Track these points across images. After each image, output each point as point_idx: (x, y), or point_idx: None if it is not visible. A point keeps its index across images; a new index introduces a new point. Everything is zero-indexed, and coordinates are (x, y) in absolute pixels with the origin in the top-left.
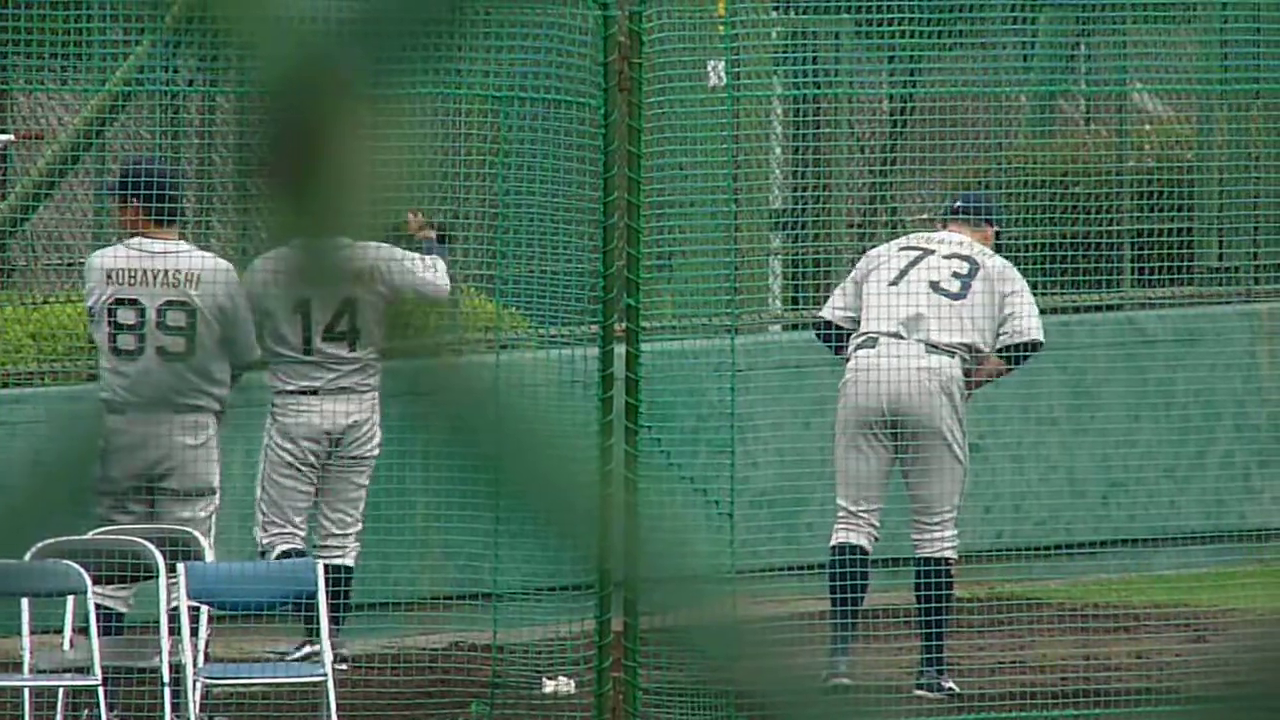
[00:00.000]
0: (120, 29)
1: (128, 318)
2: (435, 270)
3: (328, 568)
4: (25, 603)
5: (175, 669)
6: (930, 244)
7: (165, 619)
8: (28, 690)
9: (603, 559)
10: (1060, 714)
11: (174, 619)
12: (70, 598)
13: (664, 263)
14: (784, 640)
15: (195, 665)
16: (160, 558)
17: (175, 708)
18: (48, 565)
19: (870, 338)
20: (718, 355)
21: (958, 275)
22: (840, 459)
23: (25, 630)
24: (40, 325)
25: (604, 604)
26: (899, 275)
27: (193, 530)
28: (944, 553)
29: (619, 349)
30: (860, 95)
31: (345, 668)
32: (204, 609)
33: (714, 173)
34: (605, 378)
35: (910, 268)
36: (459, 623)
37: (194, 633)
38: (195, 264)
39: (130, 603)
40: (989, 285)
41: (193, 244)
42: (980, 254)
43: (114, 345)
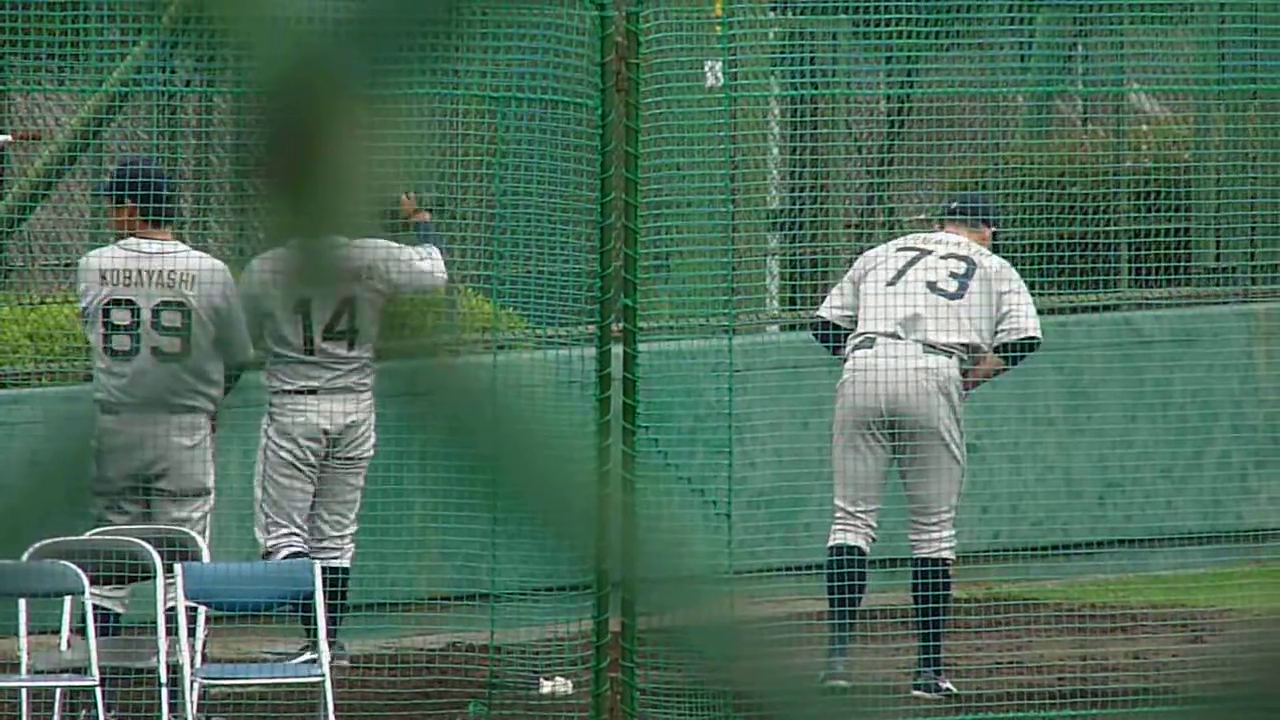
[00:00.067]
0: (117, 30)
1: (122, 318)
2: (430, 260)
3: (324, 569)
4: (23, 603)
5: (173, 669)
6: (928, 244)
7: (163, 619)
8: (25, 691)
9: (600, 559)
10: (1057, 714)
11: (171, 619)
12: (68, 598)
13: (661, 263)
14: (781, 641)
15: (193, 666)
16: (158, 558)
17: (173, 708)
18: (45, 566)
19: (868, 338)
20: (715, 355)
21: (955, 275)
22: (838, 459)
23: (23, 631)
24: (37, 326)
25: (601, 604)
26: (896, 275)
27: (190, 531)
28: (941, 553)
29: (616, 349)
30: (857, 96)
31: (346, 664)
32: (201, 609)
33: (711, 173)
34: (603, 378)
35: (907, 268)
36: (456, 623)
37: (191, 633)
38: (190, 264)
39: (126, 603)
40: (986, 285)
41: (187, 244)
42: (977, 254)
43: (108, 346)
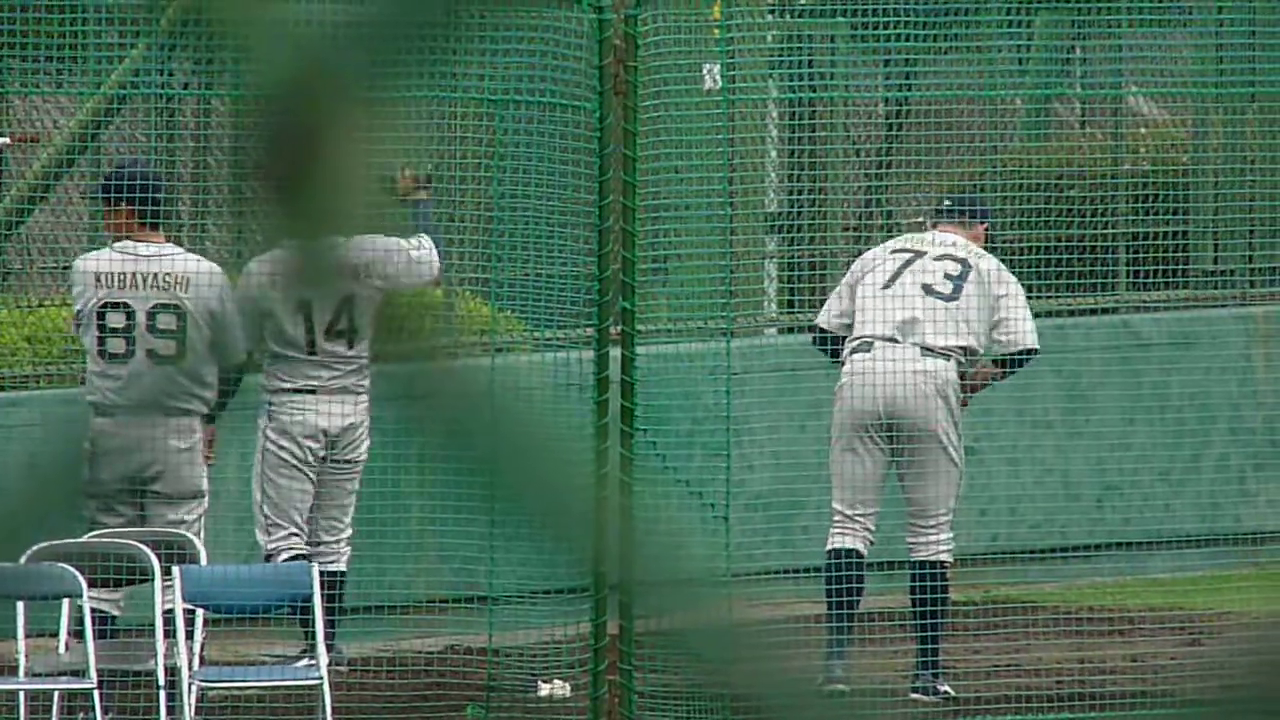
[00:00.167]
0: (115, 32)
1: (117, 321)
2: (423, 249)
3: (321, 572)
4: (21, 606)
5: (171, 672)
6: (922, 245)
7: (160, 622)
8: (23, 693)
9: (598, 562)
10: (1055, 717)
11: (169, 622)
12: (65, 601)
13: (659, 266)
14: (779, 643)
15: (190, 668)
16: (156, 561)
17: (170, 711)
18: (43, 568)
19: (865, 342)
20: (713, 358)
21: (950, 277)
22: (836, 463)
23: (21, 633)
24: (35, 328)
25: (599, 607)
26: (891, 278)
27: (188, 533)
28: (939, 556)
29: (614, 352)
30: (855, 98)
31: (344, 669)
32: (199, 612)
33: (709, 176)
34: (600, 381)
35: (902, 270)
36: (454, 626)
37: (189, 636)
38: (185, 267)
39: (121, 605)
40: (982, 288)
41: (180, 246)
42: (972, 254)
43: (103, 349)
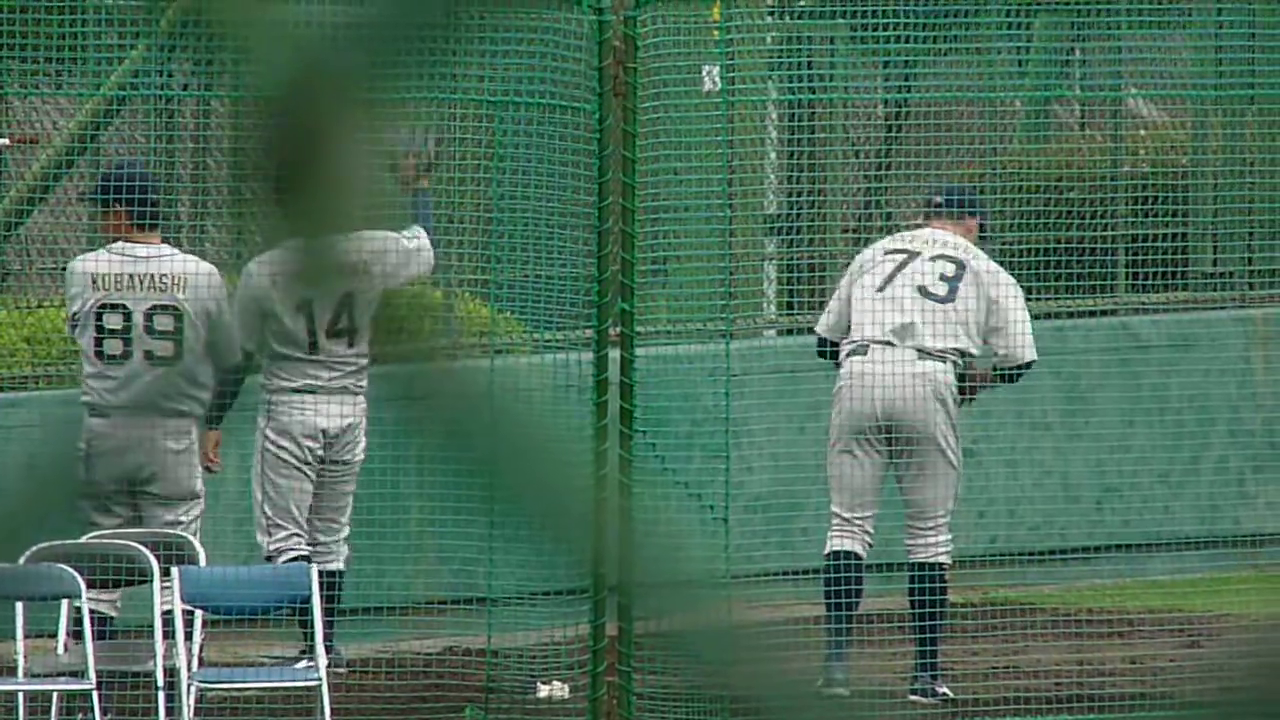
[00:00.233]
0: (115, 33)
1: (114, 323)
2: (418, 240)
3: (319, 572)
4: (20, 606)
5: (169, 673)
6: (915, 245)
7: (159, 623)
8: (22, 694)
9: (597, 563)
10: (1054, 719)
11: (168, 623)
12: (64, 602)
13: (659, 267)
14: (778, 645)
15: (189, 670)
16: (155, 562)
17: (169, 712)
18: (42, 569)
19: (861, 345)
20: (712, 360)
21: (945, 278)
22: (834, 466)
23: (19, 634)
24: (34, 329)
25: (598, 608)
26: (886, 280)
27: (187, 535)
28: (938, 558)
29: (614, 354)
30: (855, 100)
31: (343, 670)
32: (198, 613)
33: (709, 177)
34: (600, 382)
35: (897, 272)
36: (453, 627)
37: (188, 637)
38: (181, 268)
39: (118, 606)
40: (977, 290)
41: (175, 248)
42: (967, 254)
43: (100, 350)
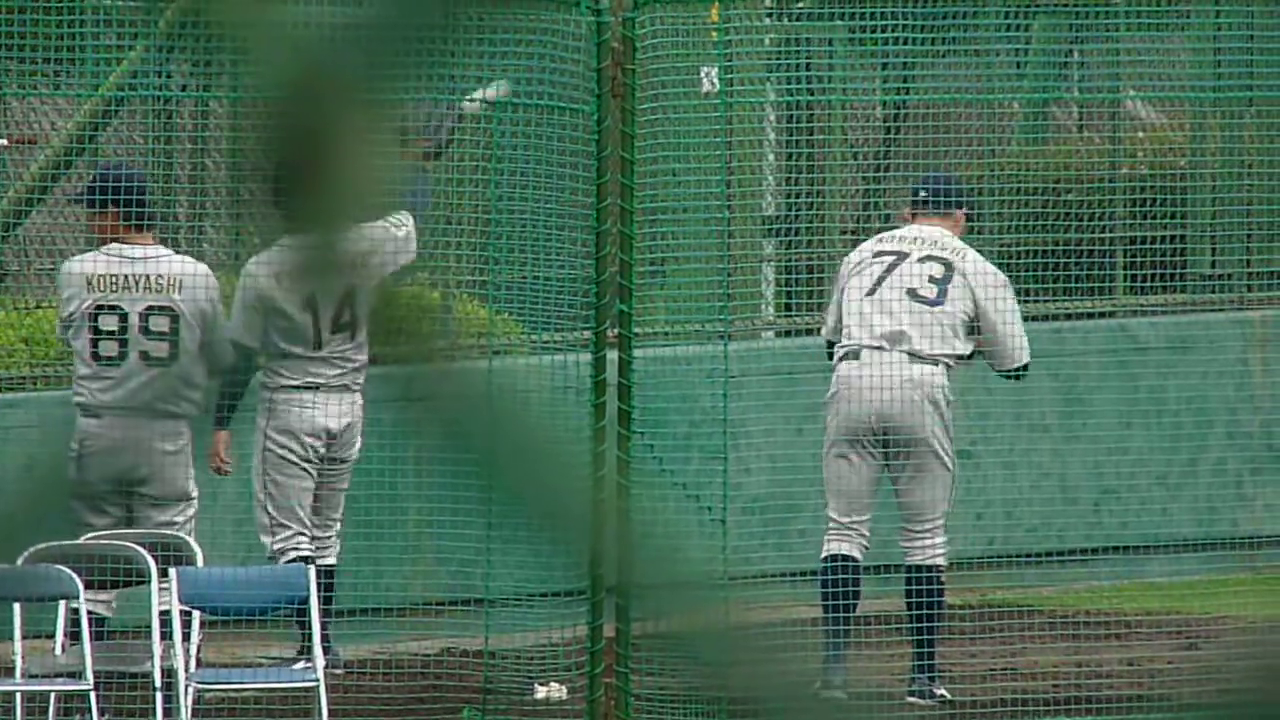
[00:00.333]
0: (113, 34)
1: (109, 324)
2: (405, 227)
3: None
4: (17, 607)
5: (167, 674)
6: (903, 245)
7: (157, 624)
8: (19, 695)
9: (595, 565)
10: None
11: (166, 624)
12: (62, 602)
13: (657, 269)
14: (777, 647)
15: (187, 670)
16: (153, 562)
17: (167, 713)
18: (40, 570)
19: (853, 350)
20: (710, 361)
21: (934, 280)
22: (829, 471)
23: (17, 634)
24: (33, 330)
25: (596, 610)
26: (875, 283)
27: (185, 535)
28: (934, 560)
29: (612, 355)
30: (853, 102)
31: (341, 671)
32: (195, 614)
33: (707, 179)
34: (598, 384)
35: (886, 275)
36: (451, 628)
37: (186, 638)
38: (176, 269)
39: (113, 607)
40: (966, 292)
41: (169, 248)
42: (955, 254)
43: (95, 351)
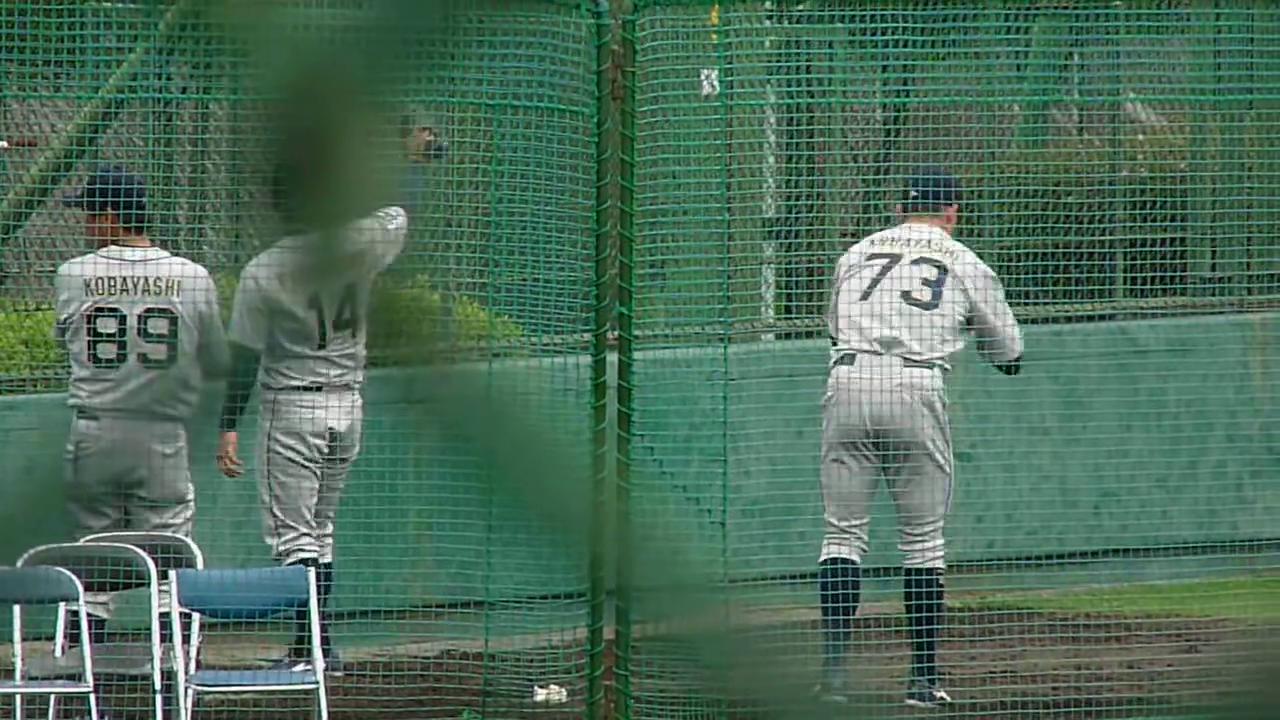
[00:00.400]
0: (113, 36)
1: (108, 327)
2: (396, 221)
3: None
4: (17, 609)
5: (167, 676)
6: (896, 247)
7: (157, 626)
8: (19, 697)
9: (595, 567)
10: None
11: (165, 626)
12: (62, 604)
13: (657, 271)
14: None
15: (186, 672)
16: (152, 564)
17: (167, 715)
18: (39, 572)
19: (848, 355)
20: (710, 364)
21: (928, 283)
22: (826, 475)
23: (17, 636)
24: (33, 332)
25: (596, 612)
26: (870, 287)
27: (184, 537)
28: (932, 563)
29: (611, 357)
30: (853, 104)
31: (340, 674)
32: (195, 616)
33: (707, 181)
34: (598, 386)
35: (880, 278)
36: (450, 631)
37: (185, 640)
38: (174, 271)
39: (111, 608)
40: (960, 294)
41: (165, 250)
42: (948, 255)
43: (93, 354)
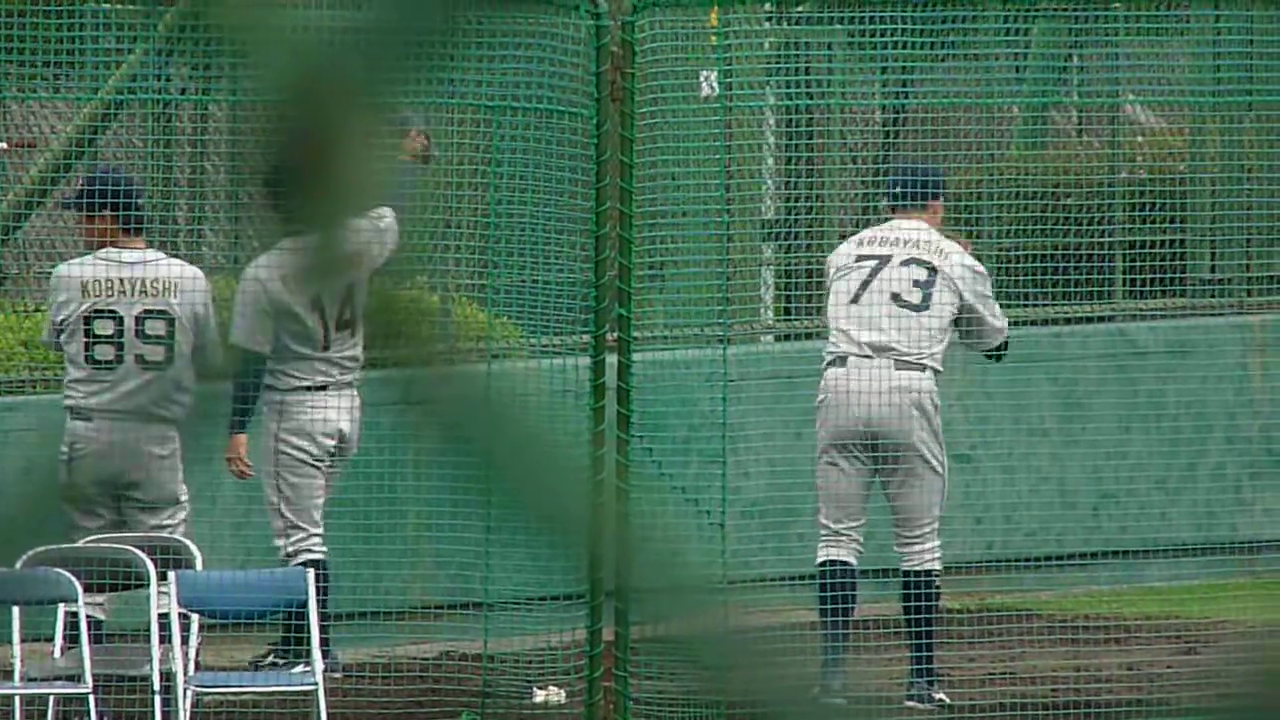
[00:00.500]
0: (113, 37)
1: (105, 328)
2: (386, 220)
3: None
4: (16, 611)
5: (166, 677)
6: (885, 247)
7: (156, 627)
8: (18, 698)
9: (594, 569)
10: None
11: (164, 627)
12: (61, 606)
13: (656, 273)
14: (775, 650)
15: (186, 673)
16: (152, 565)
17: (166, 716)
18: (38, 573)
19: (839, 357)
20: (709, 365)
21: (918, 284)
22: (820, 478)
23: (16, 638)
24: (32, 333)
25: (595, 614)
26: (860, 288)
27: (183, 538)
28: (928, 565)
29: (611, 359)
30: (852, 106)
31: (339, 675)
32: (194, 617)
33: (706, 183)
34: (597, 387)
35: (870, 279)
36: (450, 632)
37: (184, 641)
38: (171, 272)
39: (108, 609)
40: (951, 295)
41: (161, 252)
42: (937, 255)
43: (89, 355)
